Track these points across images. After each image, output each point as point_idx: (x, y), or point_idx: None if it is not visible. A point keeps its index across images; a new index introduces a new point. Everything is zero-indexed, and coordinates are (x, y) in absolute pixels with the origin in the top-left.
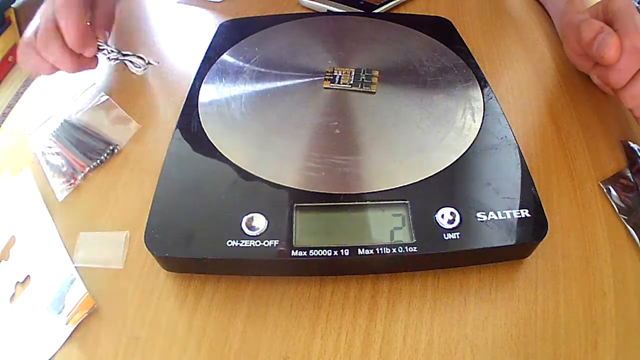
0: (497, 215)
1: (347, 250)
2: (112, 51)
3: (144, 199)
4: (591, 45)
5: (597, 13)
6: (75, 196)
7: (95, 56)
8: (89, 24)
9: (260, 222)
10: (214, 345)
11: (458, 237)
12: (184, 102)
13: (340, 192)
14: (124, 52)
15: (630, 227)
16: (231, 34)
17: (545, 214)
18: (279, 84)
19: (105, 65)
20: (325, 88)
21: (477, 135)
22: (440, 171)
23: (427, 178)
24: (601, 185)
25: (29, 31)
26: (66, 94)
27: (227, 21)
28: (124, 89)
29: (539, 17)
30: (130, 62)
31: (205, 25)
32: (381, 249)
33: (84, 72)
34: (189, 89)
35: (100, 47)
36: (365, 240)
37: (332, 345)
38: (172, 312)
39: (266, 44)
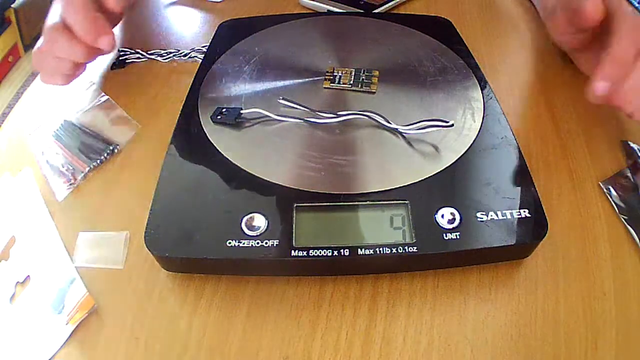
0: (497, 215)
1: (347, 250)
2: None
3: (144, 199)
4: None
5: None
6: (75, 196)
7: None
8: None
9: (260, 222)
10: (214, 345)
11: (458, 237)
12: (184, 102)
13: (340, 192)
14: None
15: (630, 227)
16: (231, 34)
17: (545, 214)
18: (279, 84)
19: (105, 65)
20: (325, 88)
21: (477, 135)
22: (440, 171)
23: (427, 178)
24: (601, 185)
25: (39, 41)
26: (66, 94)
27: (227, 21)
28: (124, 89)
29: (539, 17)
30: None
31: (205, 25)
32: (381, 249)
33: (83, 74)
34: (189, 89)
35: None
36: (365, 240)
37: (332, 345)
38: (172, 312)
39: (266, 44)
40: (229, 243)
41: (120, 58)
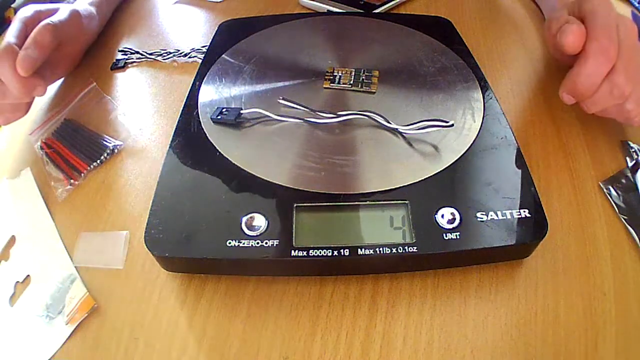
0: (497, 215)
1: (347, 250)
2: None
3: (144, 199)
4: (556, 37)
5: (572, 12)
6: (75, 196)
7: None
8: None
9: (260, 222)
10: (214, 345)
11: (458, 237)
12: (184, 102)
13: (340, 192)
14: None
15: (630, 227)
16: (231, 34)
17: (545, 214)
18: (279, 84)
19: (105, 65)
20: (325, 88)
21: (477, 135)
22: (440, 171)
23: (427, 178)
24: (601, 185)
25: None
26: (66, 94)
27: (227, 21)
28: (124, 89)
29: (538, 17)
30: None
31: (205, 25)
32: (381, 249)
33: (83, 74)
34: (189, 89)
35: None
36: (365, 240)
37: (332, 345)
38: (172, 312)
39: (266, 44)
40: (229, 243)
41: (121, 58)
